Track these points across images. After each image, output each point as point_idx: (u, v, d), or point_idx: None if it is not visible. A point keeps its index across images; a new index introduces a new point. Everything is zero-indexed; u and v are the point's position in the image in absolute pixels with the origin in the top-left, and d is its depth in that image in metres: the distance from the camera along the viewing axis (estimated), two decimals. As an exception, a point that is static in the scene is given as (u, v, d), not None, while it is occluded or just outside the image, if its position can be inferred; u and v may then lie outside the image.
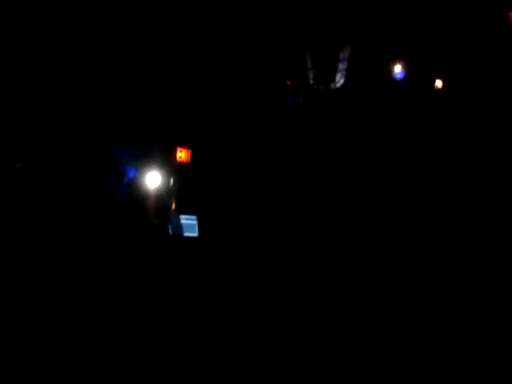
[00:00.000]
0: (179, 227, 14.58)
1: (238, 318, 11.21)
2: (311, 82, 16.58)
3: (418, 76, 15.44)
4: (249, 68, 16.26)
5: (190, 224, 14.77)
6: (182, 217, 14.65)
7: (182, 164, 15.27)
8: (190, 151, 15.38)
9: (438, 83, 15.31)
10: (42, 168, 15.11)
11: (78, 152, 15.37)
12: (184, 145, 15.33)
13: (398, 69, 15.58)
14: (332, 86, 16.34)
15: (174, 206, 15.20)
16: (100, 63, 15.53)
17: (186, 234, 14.53)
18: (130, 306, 11.53)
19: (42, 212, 14.60)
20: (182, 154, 15.28)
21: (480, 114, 14.08)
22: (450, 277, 12.59)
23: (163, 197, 15.09)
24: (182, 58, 16.04)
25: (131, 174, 15.17)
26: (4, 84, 14.84)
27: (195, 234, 14.60)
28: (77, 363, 9.47)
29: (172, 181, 15.23)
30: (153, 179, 14.99)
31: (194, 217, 14.69)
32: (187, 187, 15.29)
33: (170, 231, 14.50)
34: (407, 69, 15.56)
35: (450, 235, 13.21)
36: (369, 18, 15.59)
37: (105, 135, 15.55)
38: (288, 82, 16.23)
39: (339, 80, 16.23)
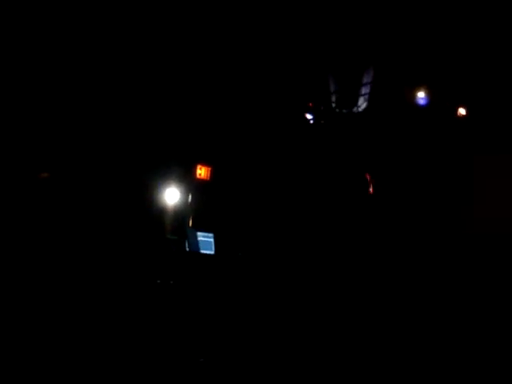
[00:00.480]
0: (196, 244, 14.59)
1: (251, 338, 11.12)
2: (334, 105, 16.62)
3: (441, 103, 15.40)
4: (273, 89, 16.37)
5: (206, 241, 14.78)
6: (199, 234, 14.67)
7: (201, 181, 15.35)
8: (209, 169, 15.46)
9: (462, 111, 15.25)
10: (67, 178, 15.28)
11: (102, 165, 15.53)
12: (204, 162, 15.42)
13: (421, 95, 15.55)
14: (354, 109, 16.36)
15: (191, 223, 15.24)
16: (122, 83, 15.73)
17: (203, 251, 14.53)
18: (142, 322, 11.49)
19: (62, 223, 14.73)
20: (201, 172, 15.36)
21: (502, 142, 13.98)
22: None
23: (181, 213, 15.14)
24: (208, 78, 16.21)
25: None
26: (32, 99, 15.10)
27: (212, 252, 14.60)
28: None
29: (190, 198, 15.29)
30: (171, 195, 15.07)
31: (211, 234, 14.71)
32: (205, 205, 15.34)
33: (187, 248, 14.50)
34: (430, 95, 15.53)
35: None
36: (393, 43, 15.64)
37: (128, 150, 15.70)
38: (310, 104, 16.29)
39: (362, 104, 16.24)
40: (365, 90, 16.11)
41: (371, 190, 14.92)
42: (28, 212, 14.51)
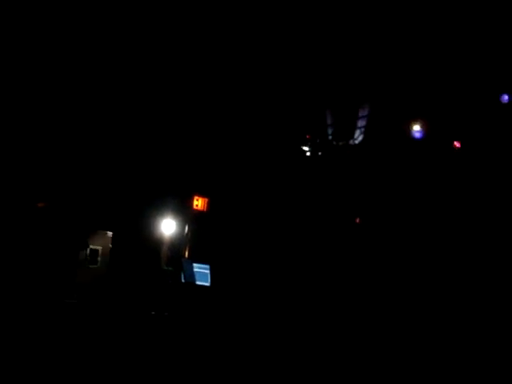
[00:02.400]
0: (192, 275, 14.54)
1: (246, 374, 11.04)
2: (330, 137, 16.76)
3: (436, 136, 15.52)
4: (271, 122, 16.52)
5: (202, 273, 14.74)
6: (195, 265, 14.63)
7: (197, 212, 15.40)
8: (206, 200, 15.52)
9: (457, 144, 15.36)
10: (64, 207, 15.32)
11: (98, 196, 15.60)
12: (201, 193, 15.49)
13: (416, 128, 15.68)
14: (351, 142, 16.49)
15: (187, 254, 15.25)
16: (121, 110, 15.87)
17: (198, 283, 14.47)
18: (136, 355, 11.41)
19: (58, 252, 14.76)
20: (198, 203, 15.43)
21: (496, 176, 14.07)
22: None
23: (177, 244, 15.16)
24: (206, 110, 16.38)
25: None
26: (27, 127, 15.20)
27: (207, 284, 14.55)
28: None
29: (187, 229, 15.32)
30: (168, 226, 15.10)
31: (207, 266, 14.68)
32: (202, 236, 15.36)
33: (183, 279, 14.45)
34: (426, 128, 15.66)
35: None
36: (388, 77, 15.83)
37: (125, 181, 15.79)
38: (307, 136, 16.43)
39: (358, 137, 16.38)
40: (361, 122, 16.26)
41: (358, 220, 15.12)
42: (24, 242, 14.55)
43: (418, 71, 15.60)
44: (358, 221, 15.08)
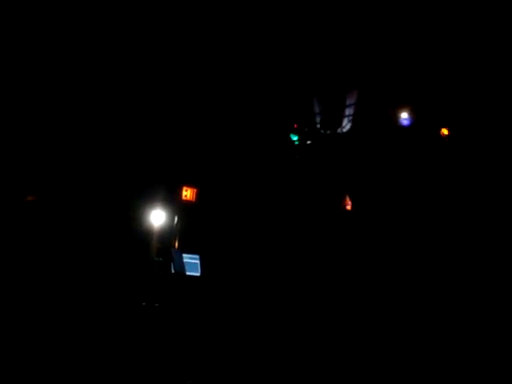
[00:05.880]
0: (182, 266, 14.50)
1: (237, 359, 11.06)
2: (318, 126, 16.74)
3: (424, 123, 15.55)
4: (258, 111, 16.47)
5: (192, 263, 14.70)
6: (184, 256, 14.59)
7: (186, 203, 15.31)
8: (195, 190, 15.44)
9: (444, 131, 15.41)
10: (54, 200, 15.19)
11: (87, 187, 15.47)
12: (189, 184, 15.40)
13: (404, 115, 15.70)
14: (339, 130, 16.48)
15: (177, 245, 15.18)
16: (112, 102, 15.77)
17: (189, 273, 14.44)
18: (128, 346, 11.38)
19: (48, 245, 14.64)
20: (187, 193, 15.34)
21: (485, 161, 14.13)
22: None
23: (167, 235, 15.07)
24: (194, 99, 16.28)
25: None
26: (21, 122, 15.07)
27: (197, 274, 14.52)
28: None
29: (176, 219, 15.24)
30: (157, 217, 14.99)
31: (197, 256, 14.64)
32: (191, 226, 15.29)
33: (173, 270, 14.40)
34: (414, 115, 15.68)
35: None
36: (376, 64, 15.83)
37: (114, 172, 15.67)
38: (295, 125, 16.40)
39: (346, 125, 16.37)
40: (349, 111, 16.25)
41: (349, 207, 15.11)
42: (14, 234, 14.43)
43: (404, 58, 15.62)
44: (346, 203, 15.06)
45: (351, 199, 15.11)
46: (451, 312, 12.37)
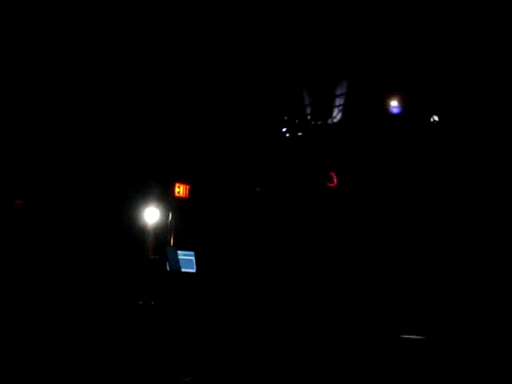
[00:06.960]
0: (177, 263, 14.49)
1: (234, 357, 11.11)
2: (309, 117, 16.73)
3: (414, 111, 15.56)
4: (248, 104, 16.44)
5: (188, 260, 14.71)
6: (179, 252, 14.58)
7: (180, 199, 15.31)
8: (188, 187, 15.44)
9: (435, 118, 15.42)
10: (46, 200, 15.16)
11: (79, 185, 15.45)
12: (182, 180, 15.39)
13: (394, 103, 15.70)
14: (329, 121, 16.48)
15: (172, 242, 15.20)
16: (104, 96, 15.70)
17: (184, 270, 14.44)
18: (124, 345, 11.40)
19: (41, 244, 14.64)
20: (180, 190, 15.34)
21: (476, 149, 14.16)
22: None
23: (161, 232, 15.09)
24: (184, 93, 16.24)
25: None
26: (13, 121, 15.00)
27: (193, 270, 14.53)
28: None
29: (170, 216, 15.25)
30: (151, 215, 15.00)
31: (192, 252, 14.65)
32: (185, 223, 15.31)
33: (168, 267, 14.41)
34: (404, 104, 15.68)
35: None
36: (365, 53, 15.79)
37: (106, 170, 15.64)
38: (285, 117, 16.38)
39: (336, 115, 16.37)
40: (339, 101, 16.24)
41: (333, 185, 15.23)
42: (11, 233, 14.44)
43: (393, 46, 15.58)
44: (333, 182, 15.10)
45: (338, 179, 15.22)
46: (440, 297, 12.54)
